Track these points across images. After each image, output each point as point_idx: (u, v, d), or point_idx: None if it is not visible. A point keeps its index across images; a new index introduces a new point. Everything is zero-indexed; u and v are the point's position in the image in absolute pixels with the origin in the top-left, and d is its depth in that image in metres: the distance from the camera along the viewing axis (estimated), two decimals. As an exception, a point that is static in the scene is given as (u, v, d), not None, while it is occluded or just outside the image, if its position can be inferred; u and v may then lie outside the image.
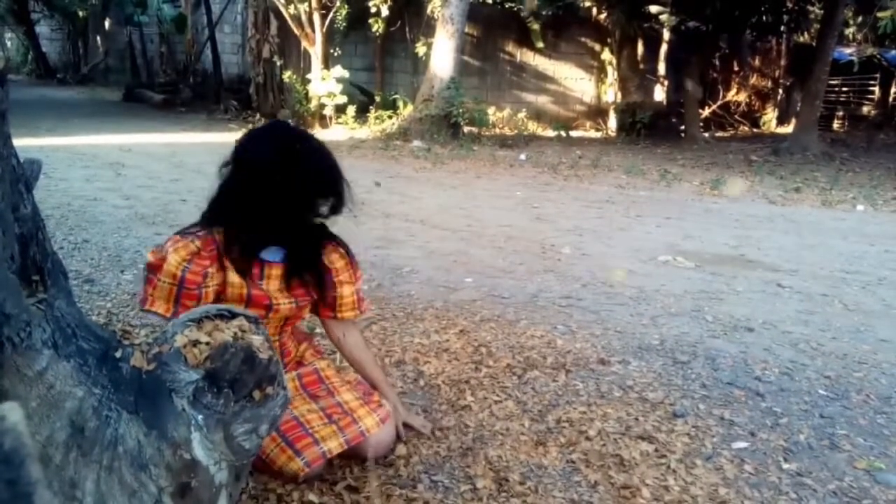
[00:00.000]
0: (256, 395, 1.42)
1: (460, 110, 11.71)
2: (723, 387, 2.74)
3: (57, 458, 1.24)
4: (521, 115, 14.96)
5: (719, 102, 16.24)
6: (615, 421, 2.39)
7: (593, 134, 15.02)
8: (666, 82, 15.36)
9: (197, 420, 1.35)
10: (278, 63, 13.46)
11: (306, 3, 12.45)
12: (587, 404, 2.51)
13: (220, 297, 1.91)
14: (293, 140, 1.98)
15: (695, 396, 2.64)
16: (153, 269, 1.85)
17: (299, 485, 1.92)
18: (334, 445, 1.93)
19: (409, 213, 5.80)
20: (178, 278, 1.82)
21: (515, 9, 15.19)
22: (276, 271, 1.97)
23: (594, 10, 14.96)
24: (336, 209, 1.97)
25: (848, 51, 16.77)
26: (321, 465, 1.94)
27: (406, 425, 2.21)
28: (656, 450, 2.21)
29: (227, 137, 10.83)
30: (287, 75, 13.12)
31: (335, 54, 13.41)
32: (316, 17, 12.53)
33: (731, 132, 15.92)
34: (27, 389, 1.22)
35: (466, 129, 12.14)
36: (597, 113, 15.81)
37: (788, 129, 14.92)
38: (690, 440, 2.29)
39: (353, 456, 2.04)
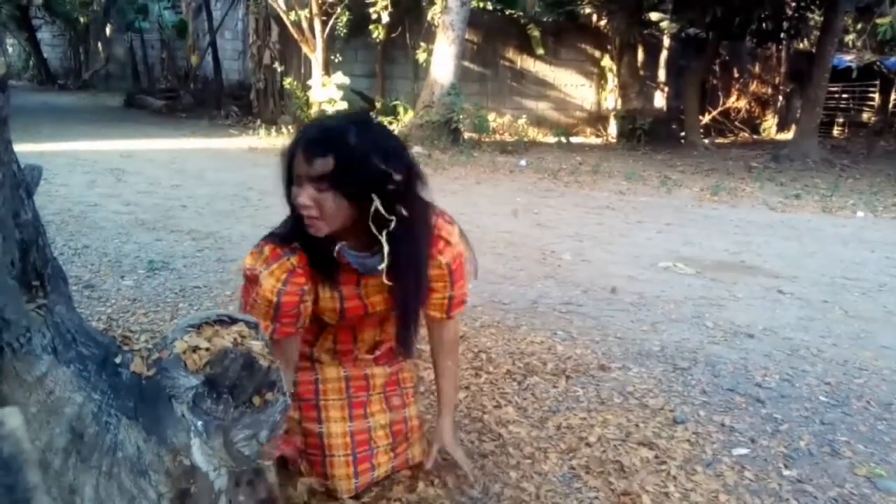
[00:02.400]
0: (256, 400, 1.42)
1: (461, 116, 11.72)
2: (723, 393, 2.74)
3: (56, 464, 1.24)
4: (522, 121, 14.97)
5: (719, 109, 16.27)
6: (615, 427, 2.39)
7: (594, 140, 15.04)
8: (666, 89, 15.40)
9: (196, 426, 1.35)
10: (279, 69, 13.49)
11: (307, 10, 12.47)
12: (587, 410, 2.51)
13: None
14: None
15: (695, 403, 2.64)
16: (249, 280, 1.76)
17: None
18: (383, 471, 1.97)
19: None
20: (274, 304, 1.71)
21: (516, 15, 15.22)
22: (374, 280, 1.77)
23: (594, 17, 15.00)
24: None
25: (848, 57, 16.81)
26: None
27: (445, 456, 2.04)
28: (656, 456, 2.21)
29: (228, 143, 10.88)
30: (288, 81, 13.14)
31: (336, 60, 13.43)
32: (317, 24, 12.55)
33: (732, 139, 15.94)
34: (26, 395, 1.22)
35: (467, 135, 12.15)
36: (597, 119, 15.84)
37: (788, 135, 14.94)
38: (691, 446, 2.29)
39: None
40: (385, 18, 12.94)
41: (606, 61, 15.55)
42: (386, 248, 1.64)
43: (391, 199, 1.60)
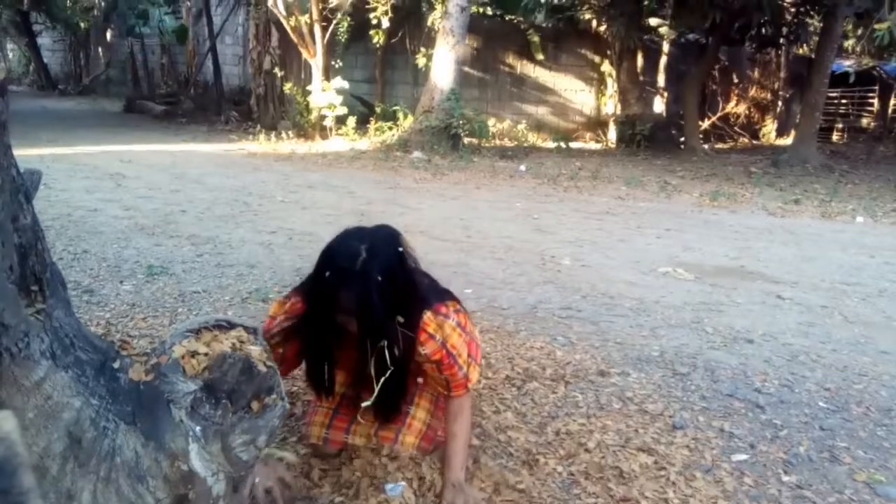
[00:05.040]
0: (255, 405, 1.42)
1: (460, 121, 11.72)
2: (722, 398, 2.74)
3: (54, 470, 1.23)
4: (522, 126, 14.98)
5: (719, 114, 16.28)
6: (615, 433, 2.38)
7: (593, 145, 15.05)
8: (665, 94, 15.40)
9: (195, 431, 1.35)
10: (279, 74, 13.51)
11: (307, 15, 12.50)
12: (586, 416, 2.51)
13: None
14: None
15: (694, 408, 2.63)
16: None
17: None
18: (359, 441, 2.07)
19: (409, 225, 5.79)
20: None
21: (516, 21, 15.25)
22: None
23: (594, 23, 15.01)
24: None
25: (847, 63, 16.83)
26: (336, 450, 2.10)
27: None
28: (656, 462, 2.20)
29: (228, 148, 10.89)
30: (288, 87, 13.17)
31: (336, 66, 13.45)
32: (317, 29, 12.57)
33: (731, 144, 15.95)
34: (24, 400, 1.22)
35: (466, 140, 12.15)
36: (597, 124, 15.84)
37: (788, 140, 14.94)
38: (690, 452, 2.29)
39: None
40: (385, 24, 12.97)
41: (606, 66, 15.57)
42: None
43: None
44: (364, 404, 1.94)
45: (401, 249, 1.89)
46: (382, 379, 1.86)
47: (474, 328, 2.24)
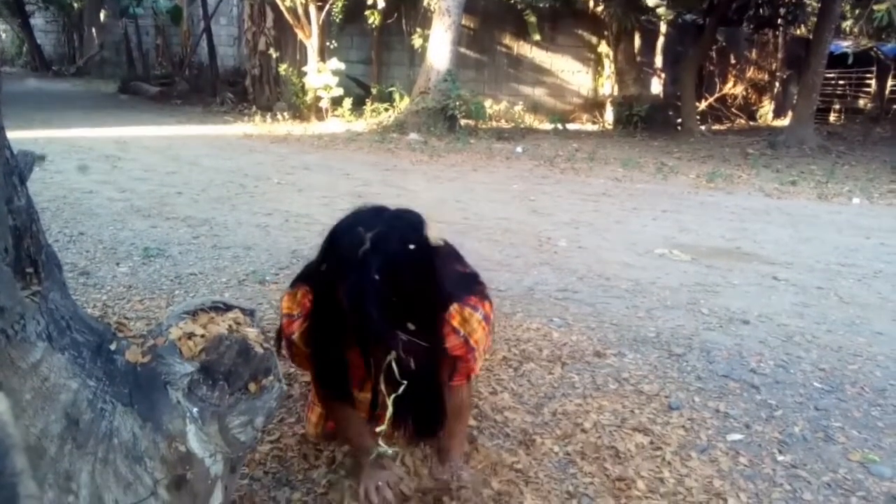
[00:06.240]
0: (252, 387, 1.42)
1: (457, 103, 11.68)
2: (718, 379, 2.75)
3: (52, 451, 1.24)
4: (518, 107, 14.93)
5: (716, 95, 16.23)
6: (611, 413, 2.40)
7: (590, 127, 15.00)
8: (663, 75, 15.35)
9: (192, 412, 1.35)
10: (274, 55, 13.43)
11: (303, -5, 12.40)
12: (583, 396, 2.52)
13: None
14: None
15: (690, 389, 2.65)
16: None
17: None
18: None
19: (406, 206, 5.77)
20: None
21: (512, 1, 15.15)
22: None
23: (591, 3, 14.91)
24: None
25: (845, 44, 16.77)
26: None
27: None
28: (651, 442, 2.22)
29: (224, 130, 10.83)
30: (283, 68, 13.09)
31: (331, 47, 13.37)
32: (312, 10, 12.47)
33: (728, 125, 15.91)
34: (21, 382, 1.22)
35: (463, 121, 12.11)
36: (594, 106, 15.77)
37: (785, 121, 14.93)
38: (685, 432, 2.30)
39: None
40: (381, 4, 12.87)
41: (603, 47, 15.47)
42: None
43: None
44: (378, 429, 1.72)
45: (412, 247, 1.57)
46: (394, 395, 1.65)
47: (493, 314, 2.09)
